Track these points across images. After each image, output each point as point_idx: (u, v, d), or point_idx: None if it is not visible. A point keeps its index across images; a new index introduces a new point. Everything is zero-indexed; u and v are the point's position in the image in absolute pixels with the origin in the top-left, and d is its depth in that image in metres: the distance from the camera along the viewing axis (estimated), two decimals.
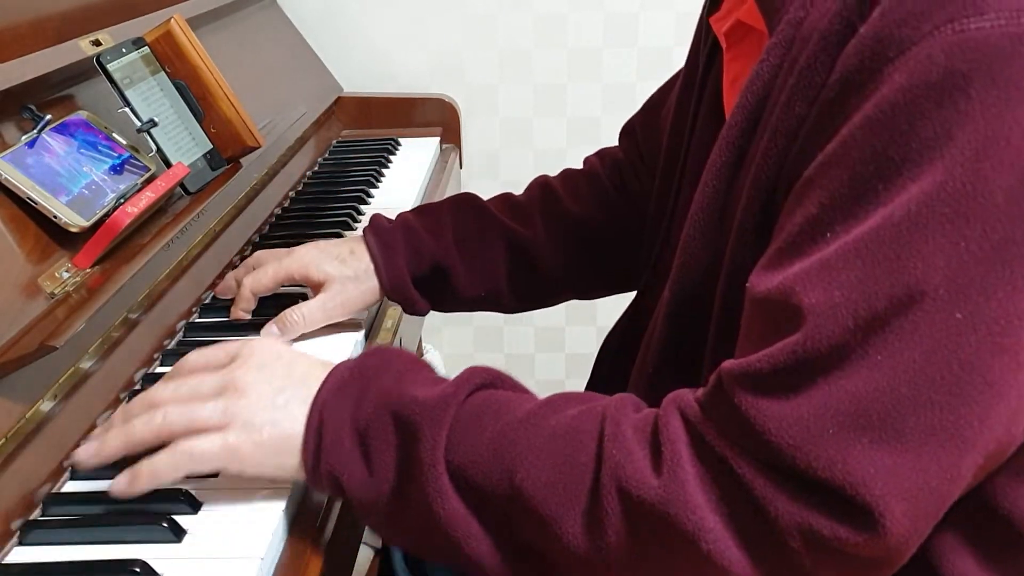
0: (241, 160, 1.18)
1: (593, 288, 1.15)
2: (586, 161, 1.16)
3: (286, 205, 1.39)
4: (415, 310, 1.06)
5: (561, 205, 1.09)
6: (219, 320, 1.06)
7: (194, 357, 0.77)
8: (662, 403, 0.65)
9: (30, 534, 0.73)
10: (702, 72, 0.86)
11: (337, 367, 0.73)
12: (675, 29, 1.87)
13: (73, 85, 1.04)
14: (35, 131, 0.91)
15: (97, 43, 1.06)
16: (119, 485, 0.71)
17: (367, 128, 1.82)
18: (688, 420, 0.62)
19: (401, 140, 1.72)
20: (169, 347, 1.00)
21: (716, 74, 0.84)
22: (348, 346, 1.00)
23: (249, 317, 1.02)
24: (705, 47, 0.87)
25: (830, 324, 0.56)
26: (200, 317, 1.07)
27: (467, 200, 1.08)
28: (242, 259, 1.21)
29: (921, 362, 0.55)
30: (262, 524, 0.73)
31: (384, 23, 1.88)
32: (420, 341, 1.84)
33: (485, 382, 0.70)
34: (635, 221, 1.06)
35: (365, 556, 1.84)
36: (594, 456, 0.63)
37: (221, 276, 1.15)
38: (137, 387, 0.93)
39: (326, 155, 1.64)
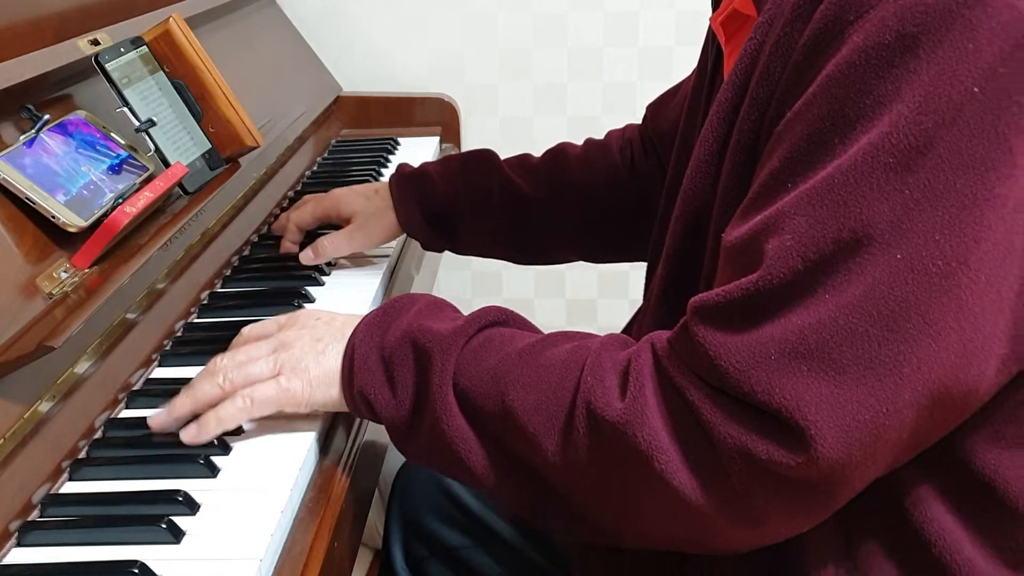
0: (240, 160, 1.18)
1: (595, 253, 1.23)
2: (609, 133, 1.23)
3: (285, 205, 1.39)
4: (429, 246, 1.21)
5: (568, 168, 1.17)
6: (219, 320, 1.06)
7: (247, 330, 0.88)
8: (638, 343, 0.72)
9: (28, 535, 0.73)
10: (711, 73, 0.87)
11: (369, 312, 0.83)
12: (675, 28, 1.86)
13: (71, 85, 1.03)
14: (33, 131, 0.91)
15: (95, 42, 1.06)
16: (188, 433, 0.80)
17: (366, 128, 1.81)
18: (656, 352, 0.68)
19: (400, 140, 1.72)
20: (167, 347, 1.00)
21: (721, 76, 0.84)
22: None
23: (297, 249, 1.18)
24: (712, 48, 0.88)
25: (782, 265, 0.61)
26: (199, 317, 1.07)
27: (483, 154, 1.19)
28: (241, 259, 1.21)
29: (862, 299, 0.59)
30: (260, 526, 0.73)
31: (384, 23, 1.88)
32: None
33: (497, 320, 0.79)
34: (637, 197, 1.14)
35: (365, 557, 1.84)
36: (574, 383, 0.70)
37: (220, 276, 1.15)
38: (136, 387, 0.93)
39: (325, 155, 1.64)
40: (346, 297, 1.11)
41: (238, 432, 0.85)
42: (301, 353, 0.81)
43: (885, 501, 0.69)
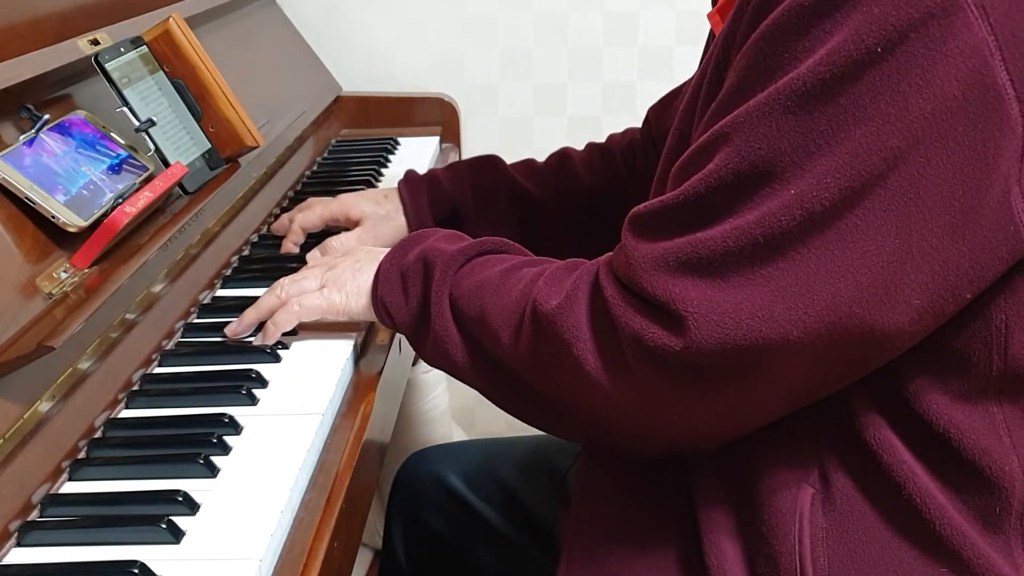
0: (240, 160, 1.18)
1: (598, 254, 1.20)
2: (610, 136, 1.26)
3: (285, 205, 1.39)
4: None
5: (574, 173, 1.21)
6: (218, 320, 1.06)
7: (311, 255, 1.11)
8: None
9: (28, 535, 0.73)
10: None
11: (401, 241, 0.96)
12: (675, 28, 1.86)
13: (71, 84, 1.03)
14: (33, 131, 0.91)
15: (95, 42, 1.06)
16: (257, 339, 0.98)
17: (366, 128, 1.81)
18: (599, 262, 0.79)
19: (400, 140, 1.72)
20: (167, 347, 1.00)
21: None
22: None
23: (298, 250, 1.21)
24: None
25: (691, 190, 0.70)
26: (199, 317, 1.07)
27: (489, 159, 1.23)
28: (241, 259, 1.21)
29: (752, 224, 0.66)
30: (260, 526, 0.73)
31: (384, 23, 1.87)
32: None
33: (497, 248, 0.91)
34: (640, 198, 1.11)
35: (365, 557, 1.84)
36: (531, 287, 0.81)
37: (220, 276, 1.15)
38: (135, 387, 0.93)
39: (325, 155, 1.64)
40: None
41: (238, 432, 0.85)
42: (342, 271, 0.96)
43: (857, 442, 0.73)
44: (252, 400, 0.90)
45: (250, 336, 1.00)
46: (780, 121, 0.65)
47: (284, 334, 0.98)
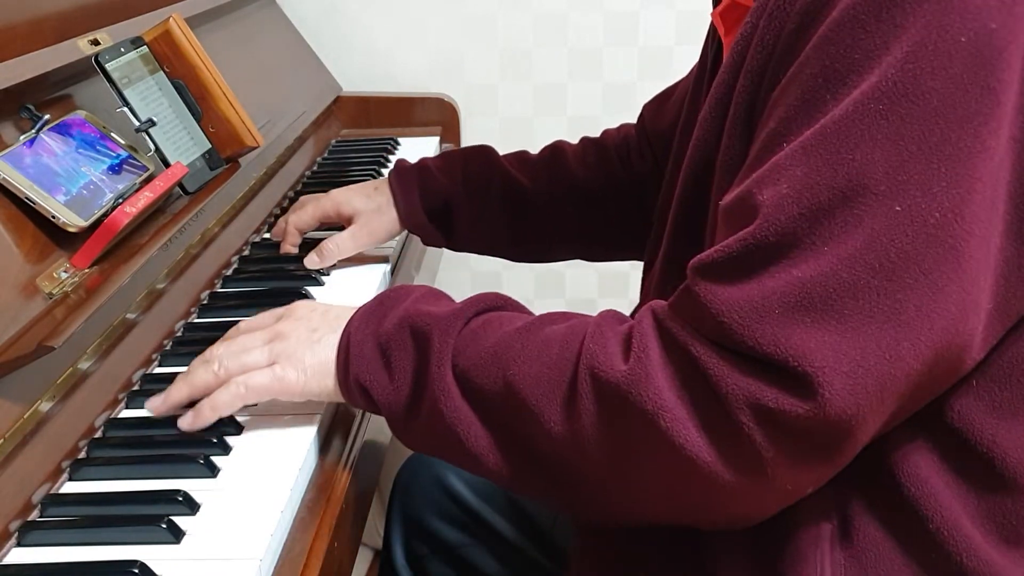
0: (240, 160, 1.18)
1: (593, 250, 1.23)
2: (604, 132, 1.24)
3: (285, 205, 1.39)
4: (430, 242, 1.20)
5: (567, 166, 1.18)
6: (218, 320, 1.06)
7: (244, 323, 0.89)
8: (640, 311, 0.72)
9: (28, 535, 0.73)
10: (711, 65, 0.88)
11: (364, 304, 0.83)
12: (675, 28, 1.86)
13: (71, 85, 1.03)
14: (33, 131, 0.91)
15: (96, 42, 1.06)
16: (185, 420, 0.82)
17: (366, 128, 1.81)
18: (657, 315, 0.69)
19: (400, 140, 1.72)
20: (168, 347, 1.00)
21: (720, 66, 0.85)
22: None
23: (296, 251, 1.18)
24: (713, 44, 0.89)
25: (778, 215, 0.61)
26: (199, 317, 1.07)
27: (481, 150, 1.19)
28: (241, 259, 1.21)
29: (862, 250, 0.59)
30: (260, 526, 0.73)
31: (384, 23, 1.87)
32: None
33: (495, 304, 0.79)
34: (633, 195, 1.15)
35: (365, 557, 1.84)
36: (576, 352, 0.70)
37: (220, 276, 1.15)
38: (136, 387, 0.93)
39: (325, 155, 1.64)
40: (347, 297, 1.11)
41: (238, 432, 0.85)
42: (296, 342, 0.81)
43: (881, 475, 0.69)
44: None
45: (180, 413, 0.84)
46: (869, 127, 0.60)
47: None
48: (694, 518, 0.71)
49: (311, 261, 1.15)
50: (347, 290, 1.13)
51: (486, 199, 1.16)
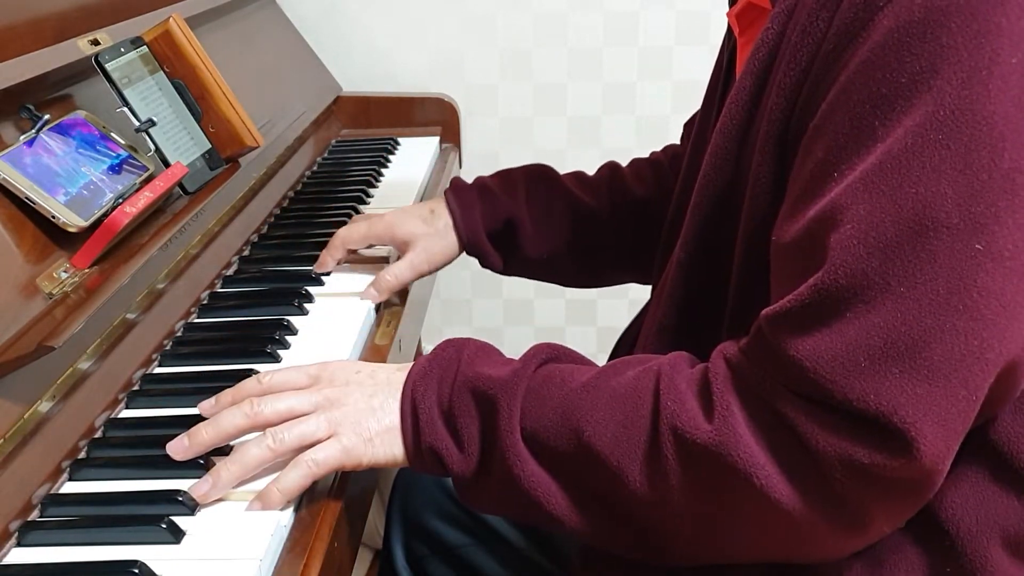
0: (240, 160, 1.18)
1: (650, 271, 1.17)
2: (652, 153, 1.21)
3: (285, 205, 1.39)
4: (488, 264, 1.16)
5: (626, 184, 1.15)
6: (218, 320, 1.06)
7: (278, 377, 0.81)
8: (711, 355, 0.70)
9: (28, 535, 0.73)
10: (725, 70, 0.88)
11: (416, 362, 0.79)
12: (675, 28, 1.86)
13: (71, 85, 1.03)
14: (33, 131, 0.91)
15: (96, 42, 1.06)
16: (255, 506, 0.75)
17: (366, 128, 1.81)
18: (733, 367, 0.67)
19: (400, 140, 1.72)
20: (168, 347, 1.00)
21: (735, 69, 0.85)
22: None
23: (335, 264, 1.13)
24: (728, 43, 0.88)
25: (847, 258, 0.60)
26: (199, 317, 1.07)
27: (540, 168, 1.16)
28: (241, 259, 1.21)
29: (944, 292, 0.58)
30: (261, 526, 0.73)
31: (384, 23, 1.88)
32: (420, 342, 1.84)
33: (550, 357, 0.77)
34: None
35: (365, 557, 1.84)
36: (651, 409, 0.68)
37: (219, 276, 1.15)
38: (136, 387, 0.93)
39: (325, 155, 1.64)
40: (347, 298, 1.11)
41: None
42: (355, 410, 0.77)
43: None
44: None
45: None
46: (931, 157, 0.58)
47: (282, 333, 0.94)
48: (788, 561, 0.70)
49: (369, 295, 1.08)
50: (347, 290, 1.13)
51: (549, 217, 1.12)
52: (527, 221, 1.11)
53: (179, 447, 0.78)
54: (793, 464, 0.63)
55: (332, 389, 0.79)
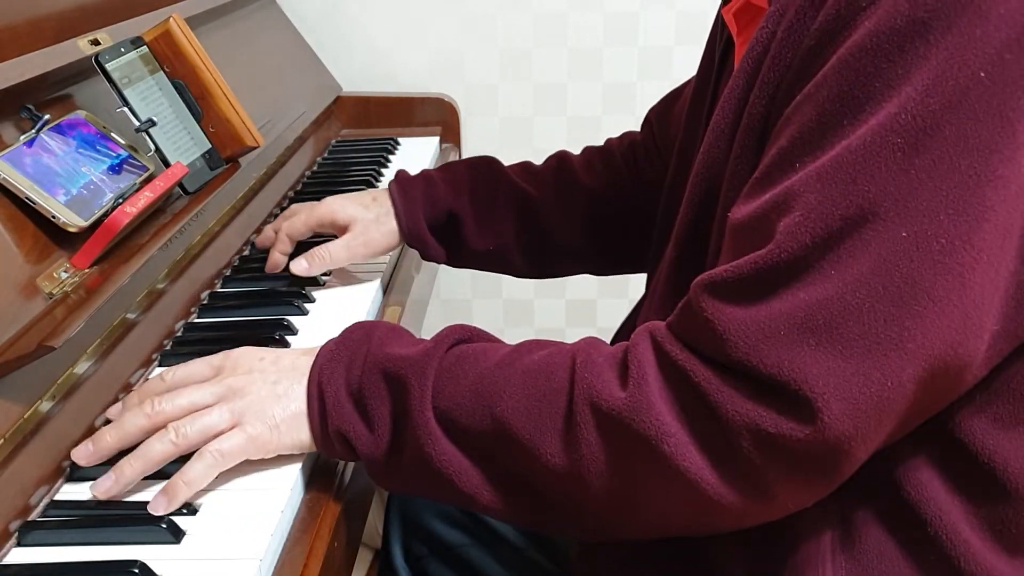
0: (240, 160, 1.18)
1: (601, 263, 1.20)
2: (607, 140, 1.20)
3: (285, 205, 1.39)
4: (430, 256, 1.15)
5: (574, 175, 1.15)
6: (218, 320, 1.06)
7: (177, 373, 0.81)
8: (633, 333, 0.71)
9: (28, 535, 0.73)
10: (717, 67, 0.87)
11: (323, 345, 0.79)
12: (675, 28, 1.87)
13: (71, 85, 1.03)
14: (33, 131, 0.91)
15: (96, 42, 1.06)
16: (159, 505, 0.74)
17: (366, 128, 1.81)
18: (655, 338, 0.68)
19: (400, 140, 1.72)
20: (168, 347, 1.00)
21: (730, 67, 0.85)
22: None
23: (286, 260, 1.12)
24: (720, 42, 0.89)
25: (791, 241, 0.62)
26: (199, 317, 1.07)
27: (485, 161, 1.16)
28: (241, 259, 1.21)
29: (868, 275, 0.60)
30: (260, 526, 0.73)
31: (384, 23, 1.88)
32: None
33: (462, 338, 0.77)
34: (644, 204, 1.12)
35: (365, 557, 1.84)
36: (567, 382, 0.69)
37: (219, 276, 1.15)
38: (136, 388, 0.92)
39: (325, 155, 1.64)
40: (347, 297, 1.11)
41: None
42: (258, 398, 0.77)
43: (882, 479, 0.70)
44: None
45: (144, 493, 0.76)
46: (887, 160, 0.60)
47: (282, 333, 0.94)
48: (697, 532, 0.72)
49: (299, 267, 1.09)
50: (347, 291, 1.13)
51: (492, 209, 1.13)
52: (469, 213, 1.12)
53: (83, 452, 0.77)
54: (703, 432, 0.64)
55: (235, 378, 0.78)
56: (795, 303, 0.61)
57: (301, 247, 1.14)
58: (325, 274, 1.15)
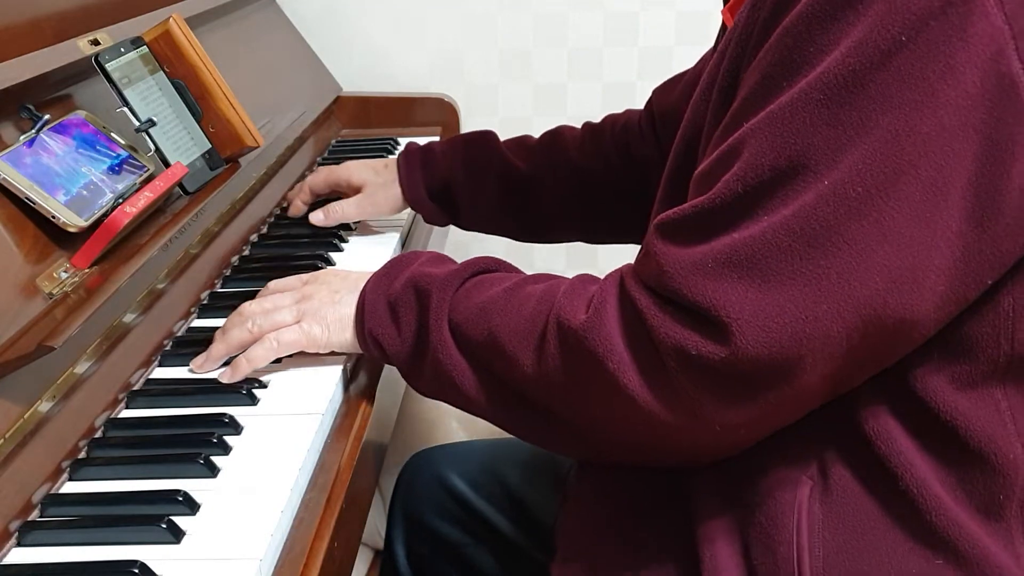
0: (240, 160, 1.18)
1: (592, 232, 1.29)
2: (605, 117, 1.29)
3: (285, 205, 1.39)
4: (432, 220, 1.30)
5: (565, 151, 1.24)
6: (218, 320, 1.06)
7: (273, 283, 1.00)
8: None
9: (28, 535, 0.73)
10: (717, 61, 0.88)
11: (379, 268, 0.93)
12: (675, 28, 1.86)
13: (72, 85, 1.03)
14: (33, 131, 0.91)
15: (96, 42, 1.06)
16: (225, 375, 0.92)
17: (366, 128, 1.81)
18: (622, 273, 0.77)
19: (400, 140, 1.72)
20: (167, 348, 1.00)
21: None
22: None
23: (305, 208, 1.30)
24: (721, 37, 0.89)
25: (725, 190, 0.69)
26: (199, 318, 1.07)
27: (482, 135, 1.27)
28: (241, 259, 1.21)
29: (790, 219, 0.66)
30: (260, 526, 0.73)
31: (384, 23, 1.88)
32: None
33: (488, 267, 0.89)
34: (634, 179, 1.20)
35: (365, 557, 1.84)
36: (549, 306, 0.79)
37: (220, 276, 1.15)
38: (136, 388, 0.93)
39: (325, 155, 1.64)
40: None
41: (238, 432, 0.85)
42: (319, 303, 0.92)
43: (856, 433, 0.74)
44: (252, 400, 0.90)
45: (220, 368, 0.94)
46: (812, 115, 0.65)
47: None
48: (653, 457, 0.79)
49: (316, 218, 1.26)
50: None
51: (483, 182, 1.23)
52: (463, 184, 1.24)
53: (199, 361, 0.94)
54: (641, 353, 0.72)
55: (309, 286, 0.95)
56: (724, 243, 0.68)
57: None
58: (331, 264, 1.16)
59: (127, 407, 0.90)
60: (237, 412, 0.87)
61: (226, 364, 0.93)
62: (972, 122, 0.64)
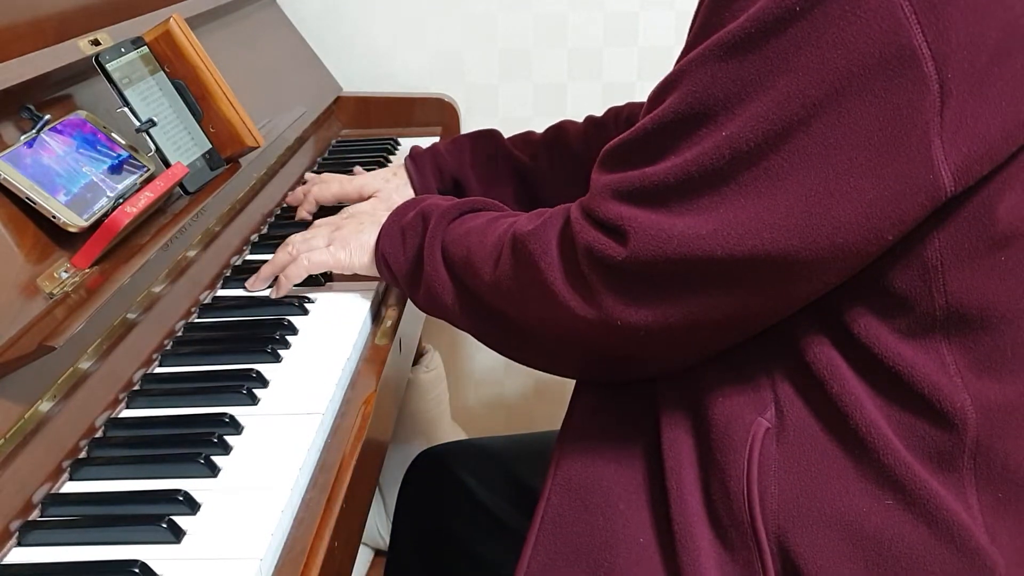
0: (240, 160, 1.18)
1: None
2: (608, 110, 1.33)
3: (285, 205, 1.39)
4: None
5: (568, 144, 1.30)
6: (218, 320, 1.06)
7: (318, 221, 1.17)
8: None
9: (29, 535, 0.73)
10: None
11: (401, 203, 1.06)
12: (675, 28, 1.86)
13: (72, 85, 1.03)
14: (34, 131, 0.91)
15: (96, 43, 1.06)
16: (274, 291, 1.09)
17: (367, 128, 1.81)
18: (579, 199, 0.85)
19: (401, 140, 1.72)
20: (168, 347, 1.00)
21: None
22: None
23: (311, 218, 1.31)
24: None
25: (640, 131, 0.78)
26: (199, 317, 1.07)
27: (487, 133, 1.33)
28: (242, 259, 1.21)
29: (690, 161, 0.74)
30: (260, 525, 0.73)
31: (384, 23, 1.88)
32: (420, 341, 1.84)
33: (488, 206, 1.01)
34: None
35: (365, 557, 1.84)
36: (512, 225, 0.89)
37: (220, 276, 1.15)
38: (136, 387, 0.93)
39: (325, 155, 1.64)
40: (346, 301, 1.11)
41: (239, 431, 0.85)
42: (348, 231, 1.08)
43: (808, 373, 0.78)
44: (253, 400, 0.90)
45: (267, 289, 1.11)
46: (715, 69, 0.72)
47: (283, 333, 0.98)
48: (598, 368, 0.88)
49: (323, 220, 1.31)
50: (348, 293, 1.13)
51: (492, 176, 1.29)
52: (472, 182, 1.30)
53: (252, 280, 1.11)
54: (565, 255, 0.82)
55: (343, 219, 1.12)
56: (634, 174, 0.77)
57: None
58: (327, 277, 1.15)
59: (128, 407, 0.90)
60: (237, 412, 0.87)
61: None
62: (869, 88, 0.68)
